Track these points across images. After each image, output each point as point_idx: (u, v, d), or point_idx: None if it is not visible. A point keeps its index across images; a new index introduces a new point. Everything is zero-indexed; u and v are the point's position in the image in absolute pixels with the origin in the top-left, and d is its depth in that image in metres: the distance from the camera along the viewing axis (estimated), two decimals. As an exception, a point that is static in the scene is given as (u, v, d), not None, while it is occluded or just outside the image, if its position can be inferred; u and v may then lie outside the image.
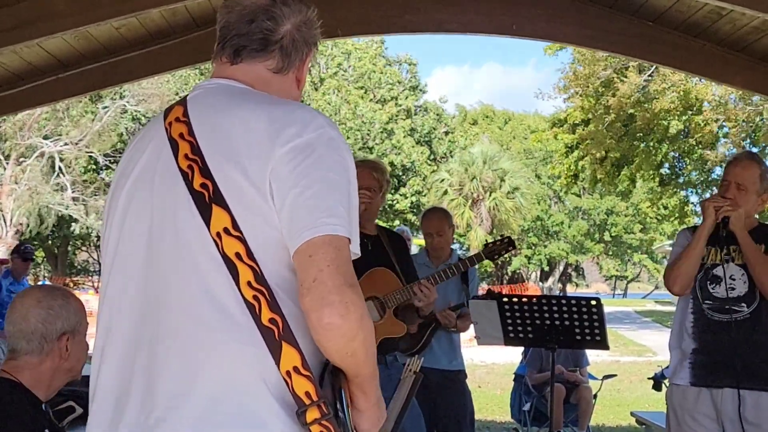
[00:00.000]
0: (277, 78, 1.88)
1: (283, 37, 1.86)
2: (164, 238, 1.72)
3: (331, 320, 1.57)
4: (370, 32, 7.77)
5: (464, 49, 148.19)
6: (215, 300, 1.65)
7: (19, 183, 27.93)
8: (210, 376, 1.62)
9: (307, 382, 1.62)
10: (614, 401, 11.27)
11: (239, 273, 1.64)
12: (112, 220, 1.84)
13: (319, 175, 1.66)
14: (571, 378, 7.89)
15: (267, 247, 1.67)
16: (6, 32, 4.94)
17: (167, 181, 1.74)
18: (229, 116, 1.74)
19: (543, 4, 5.77)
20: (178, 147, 1.75)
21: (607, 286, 67.72)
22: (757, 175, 3.81)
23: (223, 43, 1.88)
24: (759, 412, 3.66)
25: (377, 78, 37.19)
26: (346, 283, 1.60)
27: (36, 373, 2.55)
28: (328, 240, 1.62)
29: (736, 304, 3.77)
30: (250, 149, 1.68)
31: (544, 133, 31.77)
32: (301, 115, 1.73)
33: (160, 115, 1.87)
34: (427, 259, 5.48)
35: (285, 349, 1.62)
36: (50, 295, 2.61)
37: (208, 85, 1.87)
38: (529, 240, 49.21)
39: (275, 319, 1.63)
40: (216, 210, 1.67)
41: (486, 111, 53.88)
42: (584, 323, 4.69)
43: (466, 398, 5.38)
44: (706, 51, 5.76)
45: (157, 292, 1.71)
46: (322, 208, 1.63)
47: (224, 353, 1.63)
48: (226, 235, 1.65)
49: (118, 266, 1.79)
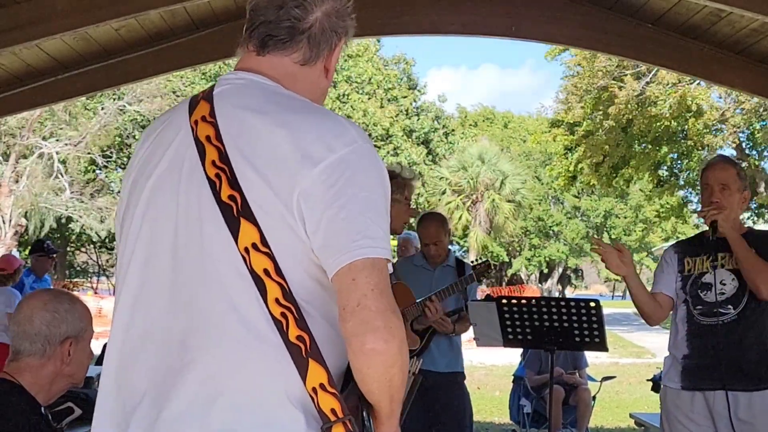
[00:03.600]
0: (304, 70, 1.82)
1: (312, 26, 1.79)
2: (190, 247, 1.67)
3: (375, 346, 1.55)
4: (368, 34, 7.76)
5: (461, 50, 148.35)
6: (242, 315, 1.62)
7: (19, 184, 27.92)
8: (236, 389, 1.60)
9: (333, 399, 1.59)
10: (613, 403, 11.27)
11: (267, 290, 1.61)
12: (132, 215, 1.78)
13: (354, 193, 1.61)
14: (570, 380, 7.89)
15: (294, 261, 1.63)
16: (5, 33, 4.94)
17: (193, 188, 1.69)
18: (257, 125, 1.68)
19: (542, 5, 5.77)
20: (206, 151, 1.69)
21: (606, 288, 67.76)
22: (735, 174, 3.85)
23: (251, 30, 1.82)
24: (752, 411, 3.67)
25: (377, 81, 37.20)
26: (389, 309, 1.58)
27: (37, 376, 2.54)
28: (369, 263, 1.58)
29: (723, 307, 3.78)
30: (276, 162, 1.63)
31: (543, 135, 31.80)
32: (332, 128, 1.67)
33: (185, 107, 1.81)
34: (424, 261, 5.48)
35: (312, 366, 1.60)
36: (57, 299, 2.60)
37: (237, 80, 1.80)
38: (529, 242, 49.24)
39: (302, 336, 1.60)
40: (244, 224, 1.62)
41: (486, 113, 53.91)
42: (583, 325, 4.70)
43: (464, 400, 5.38)
44: (705, 53, 5.76)
45: (184, 300, 1.66)
46: (359, 230, 1.59)
47: (251, 368, 1.60)
48: (255, 251, 1.62)
49: (140, 265, 1.74)
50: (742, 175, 3.89)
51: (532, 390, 7.88)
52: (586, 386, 7.97)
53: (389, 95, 37.45)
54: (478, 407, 8.78)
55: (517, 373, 8.37)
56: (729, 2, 4.72)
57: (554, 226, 49.52)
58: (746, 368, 3.70)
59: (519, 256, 49.77)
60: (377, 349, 1.55)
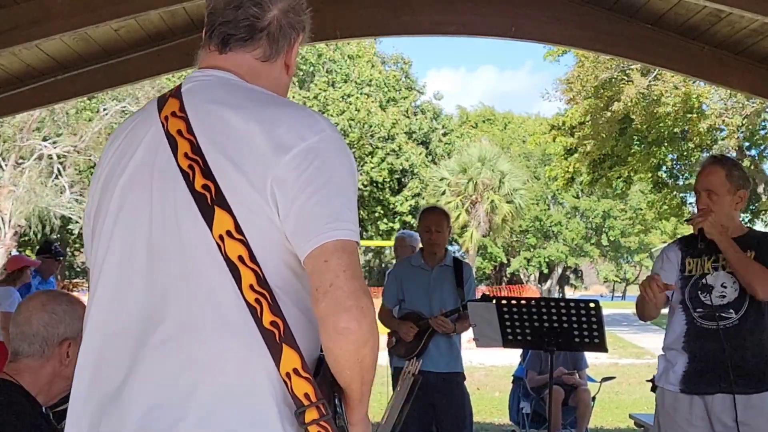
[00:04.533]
0: (266, 66, 1.86)
1: (270, 23, 1.84)
2: (166, 239, 1.70)
3: (348, 325, 1.58)
4: (368, 34, 7.77)
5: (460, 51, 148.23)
6: (218, 303, 1.65)
7: (18, 185, 27.91)
8: (211, 378, 1.63)
9: (306, 384, 1.62)
10: (613, 403, 11.27)
11: (242, 276, 1.64)
12: (104, 213, 1.80)
13: (325, 179, 1.65)
14: (570, 380, 7.89)
15: (269, 248, 1.66)
16: (4, 34, 4.94)
17: (167, 181, 1.71)
18: (227, 117, 1.71)
19: (542, 6, 5.77)
20: (177, 145, 1.72)
21: (606, 289, 67.75)
22: (723, 176, 3.81)
23: (210, 31, 1.86)
24: (750, 411, 3.67)
25: (376, 81, 37.19)
26: (361, 289, 1.61)
27: (36, 376, 2.54)
28: (340, 245, 1.62)
29: (725, 311, 3.77)
30: (250, 151, 1.67)
31: (543, 136, 31.80)
32: (302, 118, 1.72)
33: (153, 106, 1.84)
34: (422, 261, 5.48)
35: (285, 352, 1.63)
36: (55, 300, 2.60)
37: (203, 77, 1.83)
38: (527, 242, 49.22)
39: (276, 322, 1.63)
40: (219, 212, 1.65)
41: (486, 113, 53.90)
42: (583, 326, 4.70)
43: (464, 400, 5.39)
44: (704, 53, 5.77)
45: (161, 291, 1.69)
46: (330, 213, 1.63)
47: (225, 356, 1.63)
48: (229, 238, 1.65)
49: (114, 264, 1.75)
50: (735, 174, 3.82)
51: (531, 391, 7.88)
52: (586, 387, 7.97)
53: (388, 96, 37.43)
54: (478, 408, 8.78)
55: (517, 374, 8.37)
56: (729, 3, 4.72)
57: (553, 226, 49.50)
58: (746, 371, 3.70)
59: (518, 256, 49.75)
60: (350, 329, 1.58)
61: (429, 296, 5.40)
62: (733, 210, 3.84)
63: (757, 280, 3.66)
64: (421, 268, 5.47)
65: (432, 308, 5.33)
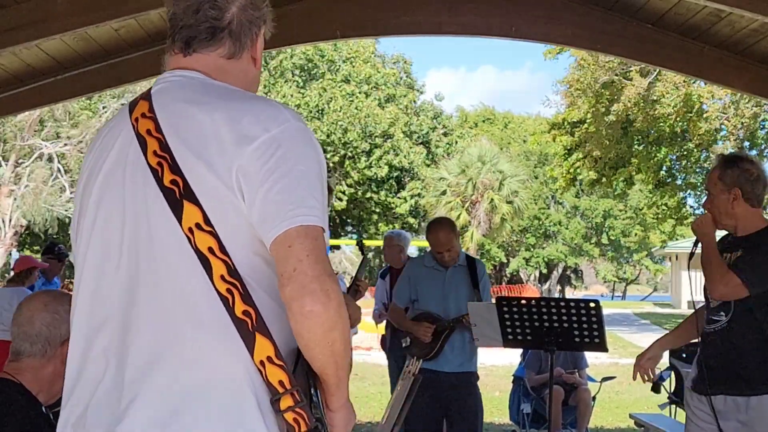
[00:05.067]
0: (232, 63, 1.91)
1: (230, 22, 1.89)
2: (139, 234, 1.74)
3: (313, 308, 1.61)
4: (368, 34, 7.76)
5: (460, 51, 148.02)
6: (190, 294, 1.68)
7: (19, 184, 27.92)
8: (186, 371, 1.66)
9: (280, 372, 1.65)
10: (613, 403, 11.27)
11: (212, 267, 1.67)
12: (84, 214, 1.86)
13: (288, 168, 1.69)
14: (570, 380, 7.89)
15: (238, 239, 1.70)
16: (5, 34, 4.94)
17: (137, 178, 1.76)
18: (194, 113, 1.76)
19: (542, 6, 5.77)
20: (146, 144, 1.77)
21: (606, 288, 67.72)
22: (716, 176, 3.86)
23: (173, 36, 1.92)
24: (749, 414, 3.71)
25: (375, 81, 37.18)
26: (325, 272, 1.64)
27: (37, 376, 2.55)
28: (303, 231, 1.65)
29: (716, 314, 3.83)
30: (216, 146, 1.71)
31: (543, 136, 31.76)
32: (266, 110, 1.76)
33: (125, 110, 1.89)
34: (435, 262, 5.43)
35: (258, 340, 1.65)
36: (57, 300, 2.61)
37: (172, 78, 1.88)
38: (527, 242, 49.21)
39: (248, 311, 1.66)
40: (187, 206, 1.69)
41: (486, 113, 53.87)
42: (583, 325, 4.70)
43: (476, 401, 5.36)
44: (705, 53, 5.76)
45: (134, 288, 1.73)
46: (293, 200, 1.67)
47: (199, 347, 1.67)
48: (199, 231, 1.68)
49: (93, 262, 1.81)
50: (728, 173, 3.83)
51: (531, 390, 7.88)
52: (586, 386, 7.97)
53: (387, 95, 37.42)
54: (478, 408, 8.75)
55: (517, 374, 8.37)
56: (729, 3, 4.71)
57: (553, 226, 49.49)
58: (743, 374, 3.73)
59: (517, 255, 49.75)
60: (316, 311, 1.61)
61: (444, 297, 5.36)
62: (731, 207, 3.82)
63: (710, 281, 3.75)
64: (435, 269, 5.42)
65: (447, 310, 5.31)
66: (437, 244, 5.34)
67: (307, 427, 1.63)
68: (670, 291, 51.63)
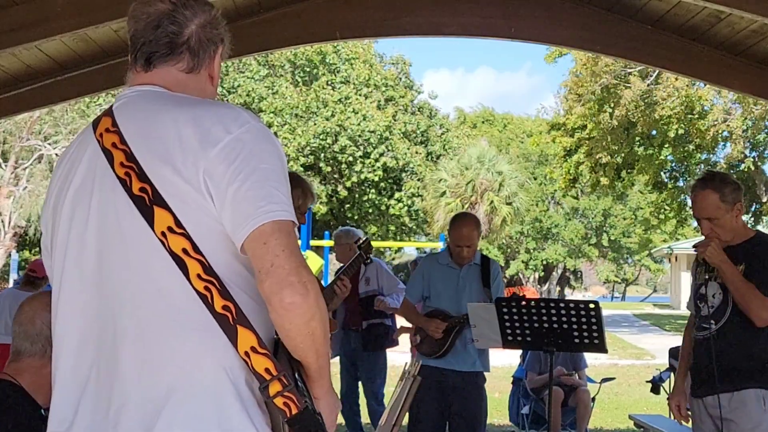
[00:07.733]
0: (191, 77, 1.97)
1: (189, 38, 1.95)
2: (112, 244, 1.79)
3: (293, 300, 1.66)
4: (368, 35, 7.76)
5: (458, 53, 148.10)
6: (169, 296, 1.73)
7: (18, 185, 27.91)
8: (172, 371, 1.70)
9: (265, 359, 1.70)
10: (612, 404, 11.26)
11: (188, 267, 1.72)
12: (57, 229, 1.90)
13: (253, 167, 1.74)
14: (570, 381, 7.89)
15: (211, 239, 1.75)
16: (4, 35, 4.93)
17: (107, 190, 1.81)
18: (157, 121, 1.81)
19: (541, 6, 5.76)
20: (113, 156, 1.82)
21: (606, 289, 67.70)
22: (716, 198, 3.83)
23: (135, 53, 1.98)
24: (732, 407, 3.79)
25: (374, 81, 37.14)
26: (301, 265, 1.70)
27: (37, 376, 2.54)
28: (277, 226, 1.71)
29: (707, 322, 3.89)
30: (181, 150, 1.75)
31: (542, 137, 31.74)
32: (226, 113, 1.81)
33: (89, 127, 1.94)
34: (450, 260, 5.43)
35: (240, 332, 1.70)
36: None
37: (131, 93, 1.93)
38: (527, 244, 49.16)
39: (228, 305, 1.71)
40: (158, 211, 1.74)
41: (486, 114, 53.85)
42: (583, 326, 4.70)
43: (481, 401, 5.36)
44: (704, 54, 5.76)
45: (111, 297, 1.77)
46: (263, 197, 1.72)
47: (183, 346, 1.71)
48: (171, 234, 1.73)
49: (70, 274, 1.85)
50: (727, 192, 3.84)
51: (531, 391, 7.89)
52: (586, 387, 7.97)
53: (386, 95, 37.37)
54: (478, 409, 8.75)
55: (517, 375, 8.38)
56: (728, 4, 4.71)
57: (552, 228, 49.44)
58: (731, 375, 3.81)
59: (517, 257, 49.69)
60: (295, 302, 1.67)
61: (457, 295, 5.35)
62: (735, 222, 3.89)
63: (754, 309, 3.74)
64: (449, 267, 5.42)
65: (460, 308, 5.30)
66: (459, 238, 5.32)
67: (298, 409, 1.68)
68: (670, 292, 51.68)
